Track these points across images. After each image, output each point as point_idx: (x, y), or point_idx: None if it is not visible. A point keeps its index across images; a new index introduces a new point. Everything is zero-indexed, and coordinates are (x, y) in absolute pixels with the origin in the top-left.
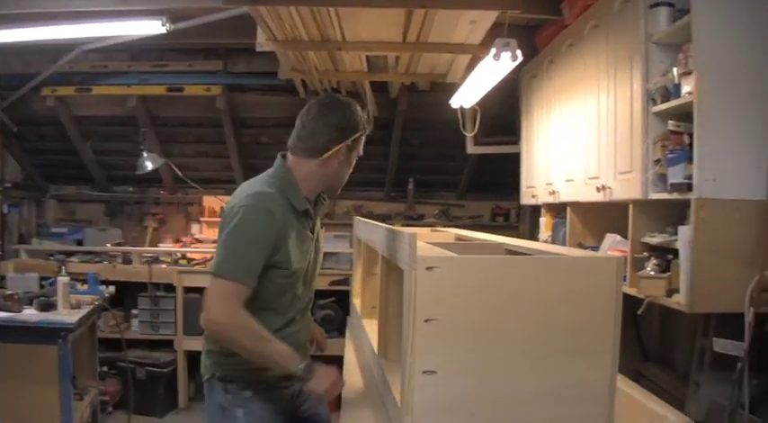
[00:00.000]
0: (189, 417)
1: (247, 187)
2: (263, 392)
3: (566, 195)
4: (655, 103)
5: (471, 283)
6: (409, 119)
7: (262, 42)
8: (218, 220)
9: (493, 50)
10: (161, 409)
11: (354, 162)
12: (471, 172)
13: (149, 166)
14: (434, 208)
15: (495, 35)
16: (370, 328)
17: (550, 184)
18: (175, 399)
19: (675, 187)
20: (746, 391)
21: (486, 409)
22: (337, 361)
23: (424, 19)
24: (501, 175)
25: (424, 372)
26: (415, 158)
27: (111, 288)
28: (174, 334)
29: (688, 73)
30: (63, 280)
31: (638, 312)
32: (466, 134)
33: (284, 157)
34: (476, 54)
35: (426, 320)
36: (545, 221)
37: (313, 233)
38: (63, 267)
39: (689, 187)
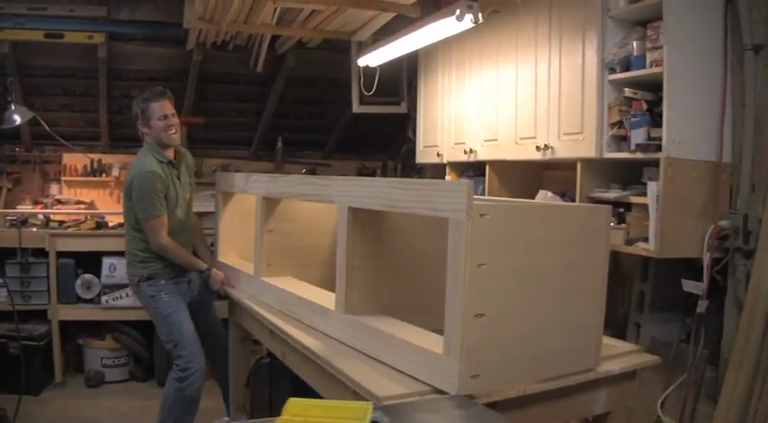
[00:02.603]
0: (65, 392)
1: (136, 160)
2: (171, 281)
3: (485, 154)
4: (613, 71)
5: (515, 228)
6: (290, 76)
7: None
8: (81, 178)
9: (457, 11)
10: (36, 387)
11: (160, 123)
12: (342, 132)
13: (18, 119)
14: (301, 167)
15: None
16: (295, 286)
17: (462, 143)
18: (51, 374)
19: (641, 147)
20: (704, 325)
21: (519, 345)
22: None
23: None
24: (370, 136)
25: (475, 315)
26: (286, 117)
27: None
28: (47, 303)
29: (657, 47)
30: None
31: None
32: (365, 93)
33: None
34: (408, 13)
35: (479, 265)
36: (450, 179)
37: (180, 179)
38: None
39: (658, 147)
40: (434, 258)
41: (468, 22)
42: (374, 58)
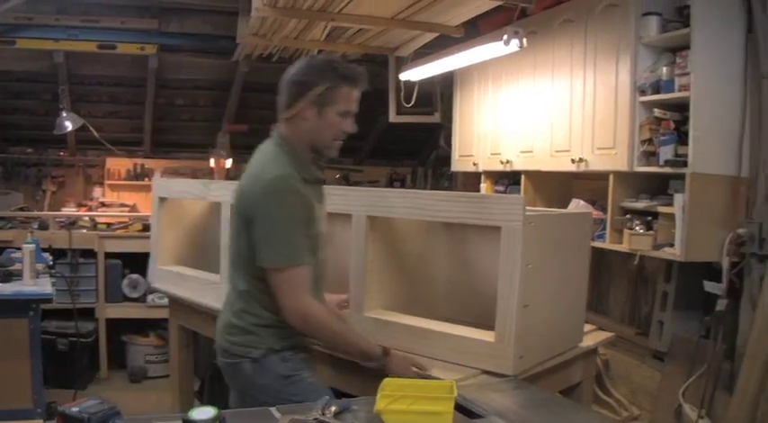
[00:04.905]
0: (111, 386)
1: (262, 170)
2: (308, 354)
3: (520, 165)
4: (644, 93)
5: (548, 233)
6: None
7: (258, 7)
8: (124, 182)
9: (505, 37)
10: (82, 381)
11: (337, 120)
12: (375, 139)
13: (69, 126)
14: (335, 172)
15: None
16: None
17: (498, 154)
18: (96, 369)
19: (669, 163)
20: (722, 323)
21: (547, 329)
22: None
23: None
24: (401, 143)
25: (524, 306)
26: None
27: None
28: (95, 302)
29: (686, 73)
30: (29, 248)
31: (635, 263)
32: (405, 105)
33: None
34: (452, 34)
35: (527, 265)
36: (485, 187)
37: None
38: (30, 234)
39: (684, 163)
40: (427, 258)
41: (514, 46)
42: (417, 74)
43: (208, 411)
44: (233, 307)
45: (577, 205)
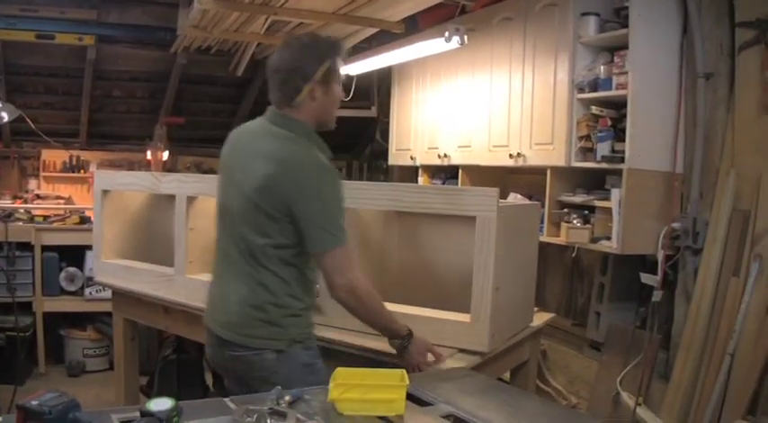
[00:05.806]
0: (49, 381)
1: (293, 155)
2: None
3: (458, 159)
4: (582, 91)
5: (513, 223)
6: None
7: (201, 0)
8: (59, 174)
9: (446, 33)
10: (21, 376)
11: (339, 91)
12: None
13: (5, 117)
14: None
15: None
16: None
17: (436, 148)
18: (34, 364)
19: (606, 159)
20: (657, 313)
21: (511, 309)
22: None
23: None
24: (335, 137)
25: (496, 289)
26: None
27: None
28: (32, 295)
29: (623, 72)
30: None
31: (572, 255)
32: (342, 99)
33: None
34: (393, 29)
35: (498, 252)
36: (422, 181)
37: None
38: None
39: (621, 159)
40: (383, 246)
41: (455, 43)
42: (356, 68)
43: (165, 402)
44: (249, 300)
45: (515, 199)
